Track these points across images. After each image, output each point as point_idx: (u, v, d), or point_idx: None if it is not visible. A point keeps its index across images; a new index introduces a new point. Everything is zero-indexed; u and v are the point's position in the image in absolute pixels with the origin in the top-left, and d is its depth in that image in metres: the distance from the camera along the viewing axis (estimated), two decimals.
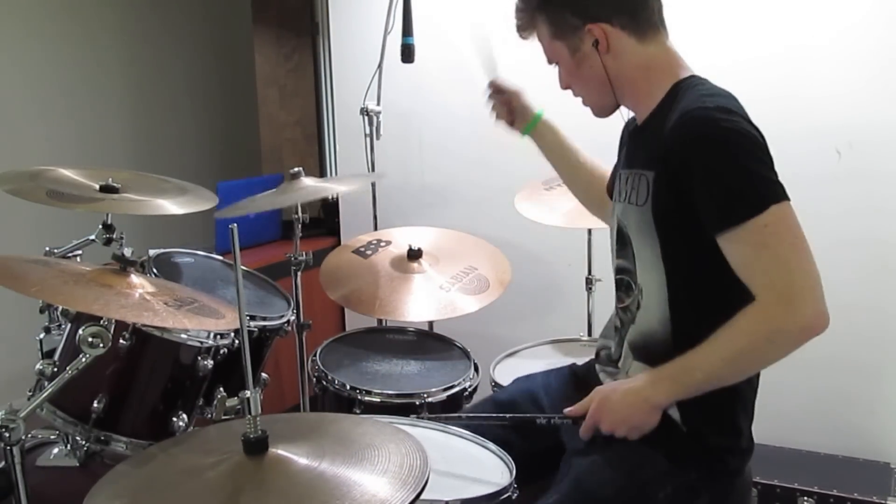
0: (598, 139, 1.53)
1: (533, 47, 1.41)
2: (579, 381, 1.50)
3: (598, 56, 1.30)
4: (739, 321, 1.16)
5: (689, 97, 1.23)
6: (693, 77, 1.30)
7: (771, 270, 1.14)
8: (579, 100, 1.41)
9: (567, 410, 1.31)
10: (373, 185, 2.58)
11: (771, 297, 1.14)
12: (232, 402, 1.62)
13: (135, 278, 1.41)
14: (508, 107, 1.67)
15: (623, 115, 1.42)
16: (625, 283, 1.36)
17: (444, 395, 1.79)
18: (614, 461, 1.26)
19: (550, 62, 1.39)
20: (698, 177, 1.16)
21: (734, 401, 1.27)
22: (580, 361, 1.57)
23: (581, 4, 1.29)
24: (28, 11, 2.84)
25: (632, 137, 1.41)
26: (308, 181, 1.92)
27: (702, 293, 1.23)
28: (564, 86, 1.40)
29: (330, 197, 2.01)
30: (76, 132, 3.03)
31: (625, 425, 1.24)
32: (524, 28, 1.39)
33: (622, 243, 1.35)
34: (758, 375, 1.30)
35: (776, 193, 1.14)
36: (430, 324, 2.26)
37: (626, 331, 1.35)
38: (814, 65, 2.14)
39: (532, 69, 1.53)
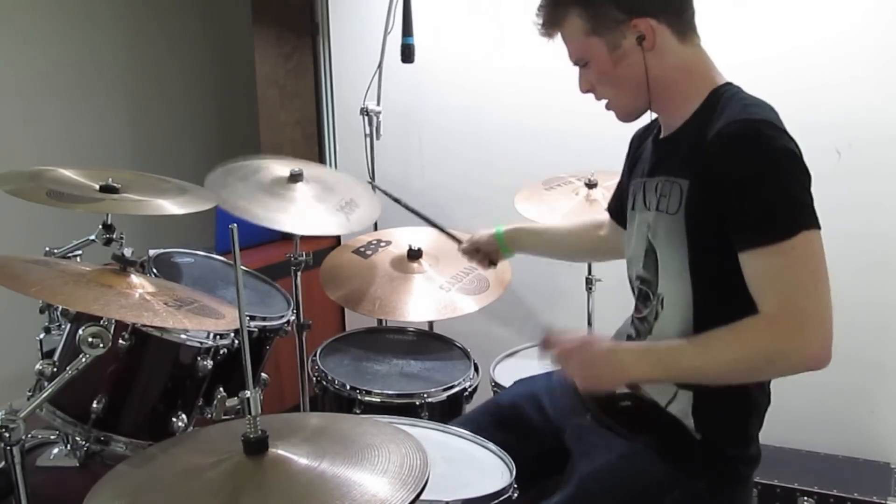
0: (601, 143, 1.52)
1: (532, 51, 1.38)
2: None
3: (640, 53, 1.23)
4: (745, 331, 1.13)
5: (733, 106, 1.19)
6: (730, 84, 1.26)
7: (787, 292, 1.11)
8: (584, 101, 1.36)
9: (547, 336, 1.28)
10: (373, 185, 2.58)
11: (781, 317, 1.11)
12: (232, 402, 1.62)
13: (135, 278, 1.41)
14: (481, 254, 1.77)
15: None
16: (643, 293, 1.32)
17: (444, 396, 1.79)
18: (620, 466, 1.25)
19: (578, 62, 1.31)
20: (736, 190, 1.13)
21: (749, 410, 1.26)
22: None
23: None
24: (27, 11, 2.84)
25: (658, 145, 1.35)
26: (306, 191, 1.96)
27: (727, 306, 1.17)
28: (587, 87, 1.32)
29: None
30: (76, 133, 3.03)
31: (586, 376, 1.23)
32: (553, 23, 1.29)
33: (647, 252, 1.31)
34: (769, 382, 1.29)
35: (808, 220, 1.11)
36: (430, 324, 2.26)
37: (641, 340, 1.33)
38: (813, 64, 2.14)
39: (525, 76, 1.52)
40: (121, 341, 1.40)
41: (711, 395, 1.23)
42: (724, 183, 1.14)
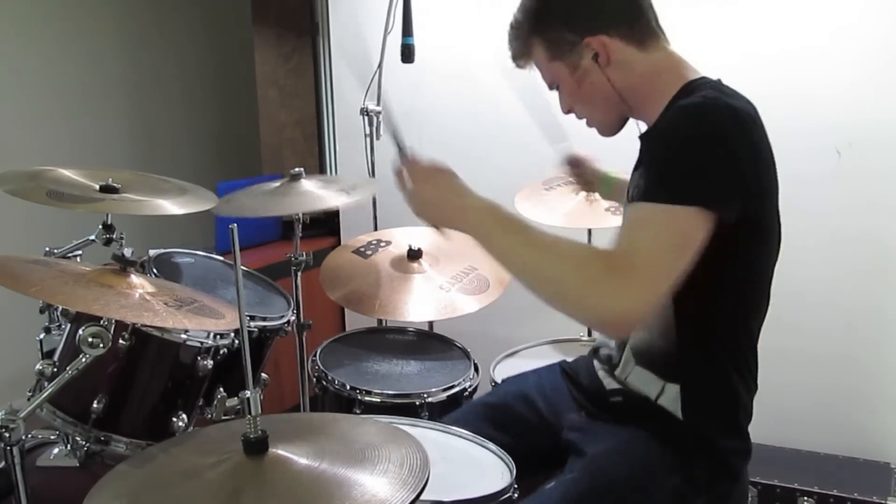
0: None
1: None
2: (572, 378, 1.50)
3: (599, 70, 1.26)
4: (583, 249, 1.11)
5: (697, 91, 1.21)
6: (704, 78, 1.27)
7: (638, 243, 1.08)
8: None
9: (409, 155, 1.28)
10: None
11: (622, 259, 1.08)
12: (232, 402, 1.62)
13: (135, 278, 1.41)
14: (585, 177, 1.75)
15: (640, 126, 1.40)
16: None
17: (443, 396, 1.79)
18: (628, 450, 1.27)
19: (551, 87, 1.36)
20: (654, 155, 1.16)
21: (736, 403, 1.28)
22: (569, 359, 1.57)
23: (575, 19, 1.27)
24: (27, 11, 2.84)
25: (641, 141, 1.37)
26: (309, 184, 1.96)
27: (704, 299, 1.18)
28: (567, 109, 1.37)
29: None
30: (76, 133, 3.03)
31: (426, 199, 1.22)
32: (520, 56, 1.35)
33: None
34: (755, 380, 1.30)
35: (706, 196, 1.08)
36: (430, 324, 2.26)
37: (621, 352, 1.35)
38: (813, 64, 2.14)
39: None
40: (121, 341, 1.40)
41: (698, 388, 1.25)
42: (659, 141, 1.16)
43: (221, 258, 2.07)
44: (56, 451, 1.65)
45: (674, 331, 1.25)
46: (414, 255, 2.06)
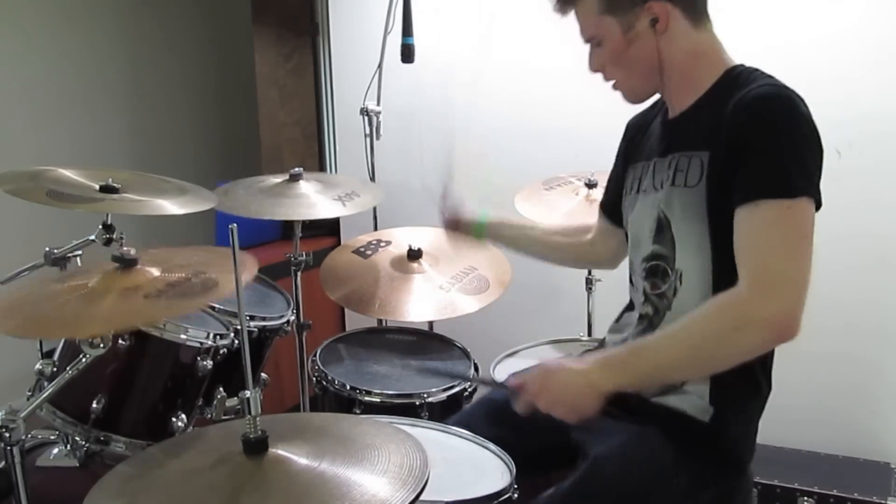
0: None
1: (532, 51, 1.39)
2: None
3: (653, 36, 1.24)
4: (707, 307, 1.14)
5: (756, 79, 1.21)
6: (744, 65, 1.27)
7: (768, 254, 1.12)
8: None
9: (510, 383, 1.26)
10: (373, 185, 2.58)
11: (751, 283, 1.11)
12: (232, 402, 1.62)
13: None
14: (459, 230, 1.71)
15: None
16: (661, 269, 1.32)
17: (443, 396, 1.79)
18: (631, 448, 1.26)
19: (589, 40, 1.31)
20: (753, 144, 1.14)
21: (756, 396, 1.28)
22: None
23: None
24: (28, 11, 2.84)
25: (667, 125, 1.36)
26: (307, 187, 1.98)
27: None
28: (598, 67, 1.32)
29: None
30: (76, 133, 3.03)
31: (563, 407, 1.18)
32: (567, 0, 1.29)
33: (659, 229, 1.31)
34: (770, 373, 1.29)
35: (815, 192, 1.14)
36: (430, 324, 2.26)
37: (660, 318, 1.32)
38: (813, 62, 2.14)
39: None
40: (121, 341, 1.40)
41: (726, 379, 1.22)
42: (745, 144, 1.15)
43: None
44: (56, 451, 1.65)
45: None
46: (414, 255, 2.06)
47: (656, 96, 1.38)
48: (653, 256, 1.34)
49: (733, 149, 1.17)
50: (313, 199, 2.00)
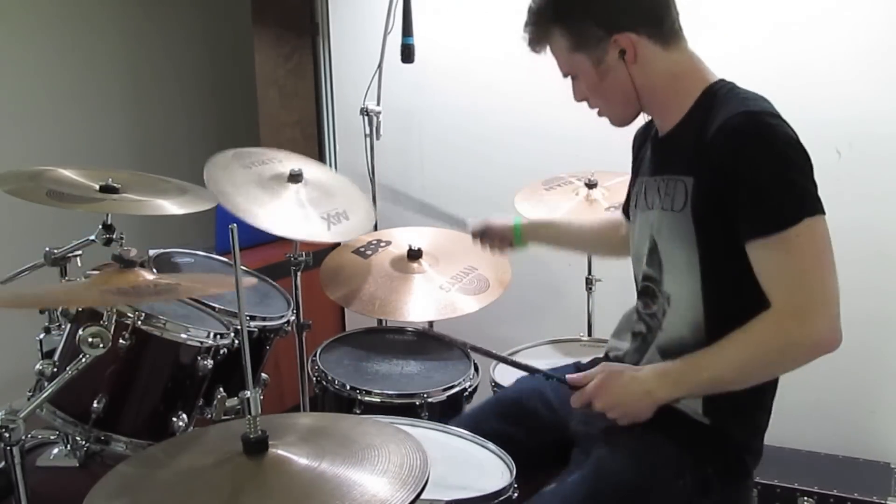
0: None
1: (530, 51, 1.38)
2: None
3: (624, 67, 1.26)
4: (754, 329, 1.17)
5: (731, 101, 1.21)
6: (723, 81, 1.28)
7: (792, 282, 1.15)
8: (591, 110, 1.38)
9: (570, 377, 1.31)
10: (373, 185, 2.58)
11: (787, 308, 1.15)
12: (232, 402, 1.62)
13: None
14: (495, 239, 1.76)
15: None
16: (650, 291, 1.34)
17: (444, 396, 1.79)
18: (634, 449, 1.26)
19: (567, 75, 1.35)
20: (744, 181, 1.15)
21: (760, 401, 1.28)
22: (584, 360, 1.56)
23: (605, 14, 1.25)
24: (26, 11, 2.84)
25: (656, 145, 1.37)
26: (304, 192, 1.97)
27: (737, 299, 1.20)
28: (581, 98, 1.36)
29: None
30: (76, 133, 3.03)
31: (619, 410, 1.25)
32: (537, 41, 1.33)
33: (651, 250, 1.32)
34: (776, 379, 1.30)
35: (813, 207, 1.14)
36: (430, 324, 2.26)
37: (653, 336, 1.33)
38: (813, 63, 2.14)
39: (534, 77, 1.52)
40: (121, 341, 1.40)
41: None
42: (729, 176, 1.16)
43: (221, 258, 2.07)
44: (56, 451, 1.65)
45: (703, 328, 1.25)
46: (414, 255, 2.06)
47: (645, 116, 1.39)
48: (645, 277, 1.36)
49: (716, 179, 1.18)
50: (300, 213, 1.94)
